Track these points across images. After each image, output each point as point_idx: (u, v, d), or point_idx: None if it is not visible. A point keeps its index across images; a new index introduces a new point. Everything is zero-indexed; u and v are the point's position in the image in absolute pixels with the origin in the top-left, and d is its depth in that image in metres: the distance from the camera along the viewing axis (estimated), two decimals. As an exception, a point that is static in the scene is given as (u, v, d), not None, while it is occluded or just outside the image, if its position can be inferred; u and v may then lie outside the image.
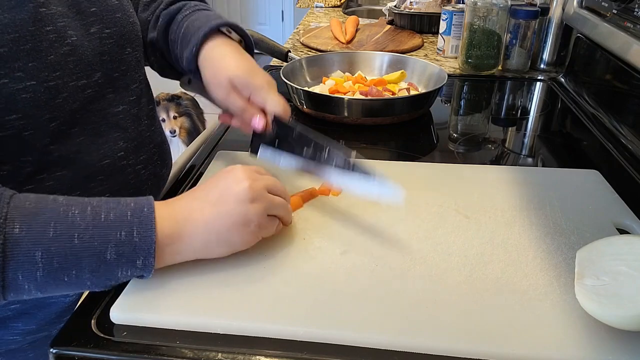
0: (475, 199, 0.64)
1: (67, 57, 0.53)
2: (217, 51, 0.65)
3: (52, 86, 0.51)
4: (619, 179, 0.73)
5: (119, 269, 0.45)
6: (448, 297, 0.48)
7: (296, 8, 2.88)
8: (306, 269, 0.52)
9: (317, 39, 1.42)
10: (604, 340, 0.43)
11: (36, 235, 0.42)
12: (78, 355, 0.44)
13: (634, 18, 0.81)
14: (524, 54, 1.18)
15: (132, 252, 0.45)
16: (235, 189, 0.49)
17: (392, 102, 0.89)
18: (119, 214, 0.45)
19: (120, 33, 0.60)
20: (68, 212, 0.44)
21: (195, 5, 0.71)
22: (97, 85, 0.57)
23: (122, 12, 0.61)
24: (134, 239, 0.45)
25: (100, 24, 0.58)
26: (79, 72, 0.54)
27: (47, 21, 0.51)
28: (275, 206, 0.52)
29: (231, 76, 0.62)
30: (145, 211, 0.46)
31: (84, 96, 0.55)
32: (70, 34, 0.54)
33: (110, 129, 0.59)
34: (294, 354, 0.43)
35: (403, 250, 0.54)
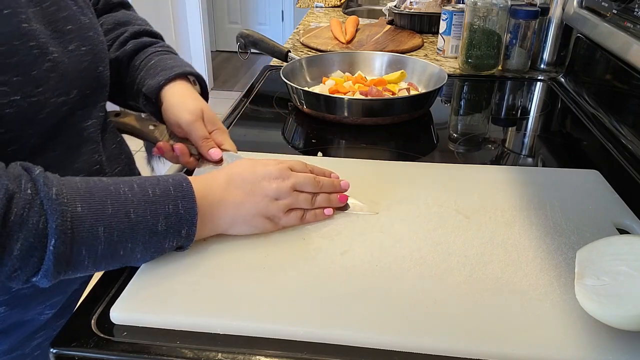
0: (475, 199, 0.64)
1: (49, 72, 0.53)
2: (188, 88, 0.71)
3: (35, 102, 0.52)
4: (619, 179, 0.73)
5: (166, 239, 0.49)
6: (448, 297, 0.48)
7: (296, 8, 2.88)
8: (306, 269, 0.52)
9: (317, 39, 1.43)
10: (604, 340, 0.43)
11: (97, 212, 0.45)
12: (78, 355, 0.44)
13: (634, 18, 0.81)
14: (524, 54, 1.18)
15: (178, 223, 0.49)
16: (265, 187, 0.56)
17: (392, 102, 0.89)
18: (163, 189, 0.50)
19: (94, 51, 0.61)
20: (119, 190, 0.48)
21: (169, 47, 0.77)
22: (72, 102, 0.57)
23: (94, 31, 0.62)
24: (180, 210, 0.49)
25: (77, 41, 0.58)
26: (60, 89, 0.55)
27: (31, 37, 0.51)
28: (298, 203, 0.58)
29: (203, 108, 0.69)
30: (185, 186, 0.51)
31: (62, 112, 0.56)
32: (52, 50, 0.54)
33: (84, 143, 0.61)
34: (294, 354, 0.43)
35: (403, 250, 0.54)
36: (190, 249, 0.53)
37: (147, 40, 0.75)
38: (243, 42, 1.17)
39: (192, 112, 0.67)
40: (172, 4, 3.51)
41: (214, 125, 0.69)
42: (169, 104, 0.68)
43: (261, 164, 0.58)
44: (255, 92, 1.06)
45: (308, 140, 0.87)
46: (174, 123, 0.68)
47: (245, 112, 0.97)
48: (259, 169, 0.57)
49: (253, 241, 0.55)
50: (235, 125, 0.91)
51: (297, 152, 0.83)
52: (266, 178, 0.57)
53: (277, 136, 0.89)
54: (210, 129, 0.68)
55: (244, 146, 0.70)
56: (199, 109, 0.68)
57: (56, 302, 0.65)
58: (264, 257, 0.53)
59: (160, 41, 0.78)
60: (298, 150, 0.85)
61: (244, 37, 1.17)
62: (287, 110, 0.98)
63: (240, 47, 1.18)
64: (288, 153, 0.81)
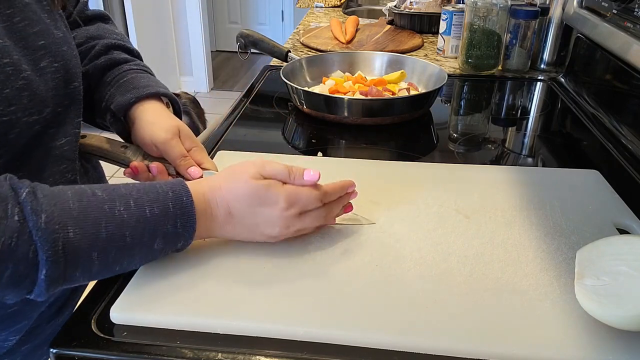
0: (475, 199, 0.64)
1: (22, 91, 0.51)
2: (161, 107, 0.68)
3: (6, 121, 0.49)
4: (619, 179, 0.73)
5: (162, 252, 0.50)
6: (448, 297, 0.48)
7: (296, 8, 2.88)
8: (306, 269, 0.52)
9: (317, 39, 1.43)
10: (604, 340, 0.43)
11: (90, 237, 0.44)
12: (78, 355, 0.44)
13: (634, 18, 0.81)
14: (524, 54, 1.18)
15: (175, 239, 0.49)
16: (268, 231, 0.53)
17: (392, 102, 0.89)
18: (161, 207, 0.48)
19: (67, 67, 0.58)
20: (114, 210, 0.46)
21: (145, 67, 0.73)
22: (45, 121, 0.55)
23: (67, 45, 0.59)
24: (178, 229, 0.48)
25: (49, 57, 0.56)
26: (32, 108, 0.52)
27: (4, 54, 0.49)
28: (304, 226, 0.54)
29: (180, 125, 0.65)
30: (185, 201, 0.49)
31: (32, 132, 0.54)
32: (25, 68, 0.52)
33: (55, 163, 0.58)
34: (294, 354, 0.43)
35: (403, 250, 0.54)
36: (191, 249, 0.53)
37: (122, 57, 0.71)
38: (243, 42, 1.17)
39: (167, 130, 0.64)
40: (172, 4, 3.52)
41: (192, 143, 0.65)
42: (141, 123, 0.65)
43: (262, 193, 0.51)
44: (255, 92, 1.06)
45: (308, 140, 0.87)
46: (148, 142, 0.64)
47: (245, 112, 0.97)
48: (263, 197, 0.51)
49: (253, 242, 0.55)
50: (235, 125, 0.91)
51: (297, 152, 0.83)
52: (268, 223, 0.52)
53: (277, 136, 0.89)
54: (188, 147, 0.65)
55: (244, 146, 0.70)
56: (174, 126, 0.64)
57: (21, 327, 0.63)
58: (264, 257, 0.53)
59: (135, 59, 0.74)
60: (298, 150, 0.85)
61: (244, 37, 1.17)
62: (287, 110, 0.98)
63: (240, 47, 1.18)
64: (288, 153, 0.81)
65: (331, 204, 0.55)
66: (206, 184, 0.52)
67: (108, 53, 0.71)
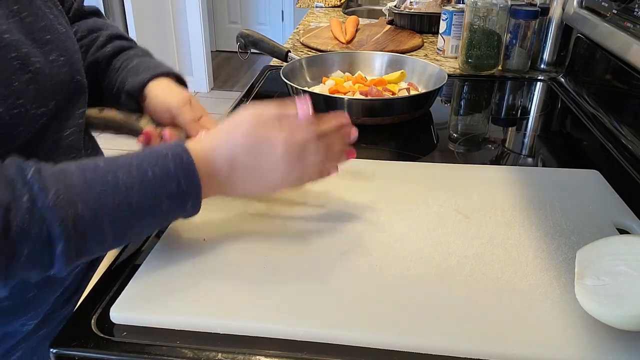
0: (475, 199, 0.64)
1: (29, 84, 0.52)
2: (173, 83, 0.72)
3: (15, 114, 0.51)
4: (619, 179, 0.73)
5: (172, 214, 0.50)
6: (448, 297, 0.48)
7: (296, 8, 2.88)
8: (306, 269, 0.52)
9: (317, 39, 1.42)
10: (604, 340, 0.43)
11: (98, 209, 0.45)
12: (78, 355, 0.44)
13: (634, 18, 0.81)
14: (524, 54, 1.18)
15: (182, 199, 0.49)
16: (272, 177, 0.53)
17: (392, 102, 0.88)
18: (162, 167, 0.48)
19: (70, 61, 0.60)
20: (117, 180, 0.46)
21: (147, 51, 0.78)
22: (50, 113, 0.56)
23: (69, 40, 0.61)
24: (182, 187, 0.48)
25: (56, 51, 0.57)
26: (39, 100, 0.54)
27: (12, 48, 0.51)
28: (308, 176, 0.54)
29: (190, 96, 0.70)
30: (185, 159, 0.49)
31: (39, 125, 0.55)
32: (34, 60, 0.53)
33: (64, 153, 0.60)
34: (294, 354, 0.43)
35: (403, 250, 0.54)
36: (191, 249, 0.53)
37: (125, 44, 0.75)
38: (243, 42, 1.17)
39: (180, 97, 0.68)
40: (172, 4, 3.51)
41: (201, 112, 0.69)
42: (154, 95, 0.69)
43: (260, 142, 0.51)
44: (255, 92, 1.06)
45: (308, 140, 0.87)
46: (162, 109, 0.68)
47: (245, 112, 0.97)
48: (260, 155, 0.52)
49: (254, 241, 0.55)
50: (235, 125, 0.91)
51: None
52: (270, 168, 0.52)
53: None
54: (198, 116, 0.69)
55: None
56: (186, 96, 0.69)
57: (38, 313, 0.64)
58: (264, 257, 0.53)
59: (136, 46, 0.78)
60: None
61: (244, 37, 1.17)
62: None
63: (240, 47, 1.18)
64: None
65: (330, 139, 0.55)
66: (205, 141, 0.52)
67: (112, 42, 0.75)
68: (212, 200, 0.52)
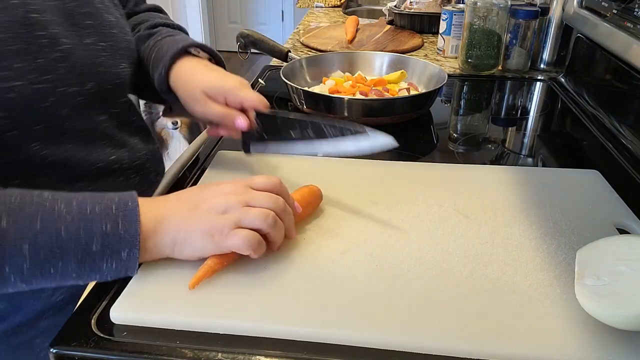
0: (475, 199, 0.64)
1: (57, 62, 0.54)
2: (185, 68, 0.67)
3: (39, 89, 0.52)
4: (619, 179, 0.73)
5: (104, 261, 0.46)
6: (448, 297, 0.48)
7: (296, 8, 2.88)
8: (306, 269, 0.52)
9: (317, 39, 1.43)
10: (604, 340, 0.43)
11: (22, 228, 0.43)
12: (78, 355, 0.44)
13: (634, 18, 0.81)
14: (524, 54, 1.18)
15: (117, 244, 0.46)
16: (212, 200, 0.50)
17: (392, 102, 0.88)
18: (104, 207, 0.46)
19: (115, 48, 0.61)
20: (54, 206, 0.45)
21: (168, 31, 0.74)
22: (88, 94, 0.58)
23: (118, 29, 0.63)
24: (119, 231, 0.46)
25: (95, 36, 0.59)
26: (71, 79, 0.55)
27: (39, 26, 0.52)
28: (248, 219, 0.49)
29: (203, 87, 0.64)
30: (130, 205, 0.47)
31: (75, 103, 0.56)
32: (64, 41, 0.55)
33: (98, 137, 0.61)
34: (294, 354, 0.43)
35: (403, 250, 0.54)
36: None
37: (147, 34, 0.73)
38: (243, 42, 1.17)
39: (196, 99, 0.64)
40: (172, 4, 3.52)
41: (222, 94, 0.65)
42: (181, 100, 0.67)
43: (218, 182, 0.54)
44: (255, 92, 1.06)
45: (308, 140, 0.87)
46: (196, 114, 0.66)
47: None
48: (213, 185, 0.53)
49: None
50: (235, 125, 0.91)
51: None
52: (217, 193, 0.51)
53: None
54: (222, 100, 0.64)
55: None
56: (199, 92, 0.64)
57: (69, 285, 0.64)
58: (264, 257, 0.53)
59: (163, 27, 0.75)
60: (298, 150, 0.84)
61: (244, 37, 1.17)
62: (287, 111, 0.98)
63: (240, 47, 1.18)
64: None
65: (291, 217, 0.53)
66: (163, 207, 0.50)
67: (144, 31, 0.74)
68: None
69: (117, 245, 0.46)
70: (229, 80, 0.65)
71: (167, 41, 0.70)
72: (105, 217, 0.46)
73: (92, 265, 0.46)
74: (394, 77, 0.98)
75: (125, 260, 0.47)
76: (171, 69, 0.67)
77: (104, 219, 0.46)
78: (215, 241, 0.48)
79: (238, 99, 0.63)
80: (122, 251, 0.46)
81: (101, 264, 0.46)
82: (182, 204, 0.51)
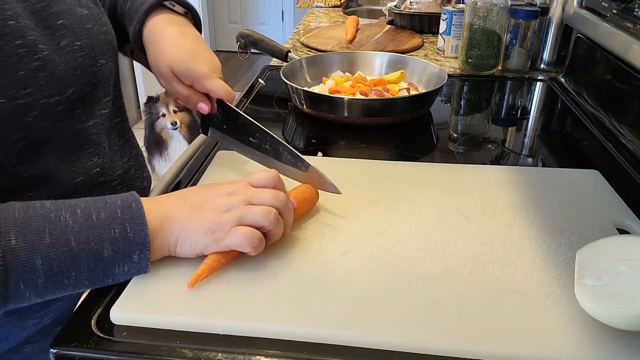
0: (475, 199, 0.64)
1: (37, 72, 0.50)
2: (158, 32, 0.63)
3: (21, 104, 0.49)
4: (619, 179, 0.73)
5: (116, 265, 0.46)
6: (448, 297, 0.48)
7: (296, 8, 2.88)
8: (306, 269, 0.52)
9: (317, 39, 1.43)
10: (604, 340, 0.43)
11: (32, 243, 0.42)
12: (78, 355, 0.44)
13: (634, 18, 0.81)
14: (524, 54, 1.18)
15: (127, 247, 0.46)
16: (215, 200, 0.50)
17: (392, 102, 0.88)
18: (109, 212, 0.46)
19: (91, 45, 0.57)
20: (59, 217, 0.44)
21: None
22: (68, 102, 0.54)
23: (93, 22, 0.58)
24: (128, 234, 0.46)
25: (70, 36, 0.55)
26: (51, 89, 0.52)
27: (16, 34, 0.48)
28: (251, 216, 0.50)
29: (171, 64, 0.62)
30: (134, 207, 0.47)
31: (55, 113, 0.53)
32: (41, 48, 0.51)
33: (81, 146, 0.58)
34: (294, 354, 0.43)
35: (403, 250, 0.54)
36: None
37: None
38: (243, 42, 1.17)
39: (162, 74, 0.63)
40: (172, 4, 3.51)
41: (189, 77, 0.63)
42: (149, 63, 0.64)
43: (220, 183, 0.54)
44: (255, 92, 1.06)
45: (308, 140, 0.87)
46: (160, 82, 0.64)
47: (245, 112, 0.97)
48: (215, 186, 0.53)
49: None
50: (235, 125, 0.91)
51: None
52: (219, 193, 0.51)
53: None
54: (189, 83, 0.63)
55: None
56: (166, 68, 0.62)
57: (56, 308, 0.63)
58: (264, 257, 0.53)
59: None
60: (298, 150, 0.84)
61: (244, 37, 1.17)
62: (287, 110, 0.98)
63: (240, 47, 1.18)
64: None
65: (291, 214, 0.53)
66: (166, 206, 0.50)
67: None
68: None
69: (128, 249, 0.46)
70: (199, 63, 0.62)
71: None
72: (112, 222, 0.45)
73: (104, 270, 0.46)
74: (394, 77, 0.98)
75: (137, 262, 0.47)
76: (145, 26, 0.64)
77: (112, 224, 0.45)
78: (216, 237, 0.49)
79: (205, 89, 0.63)
80: (133, 254, 0.46)
81: (113, 268, 0.46)
82: (184, 203, 0.51)
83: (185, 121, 2.40)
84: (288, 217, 0.53)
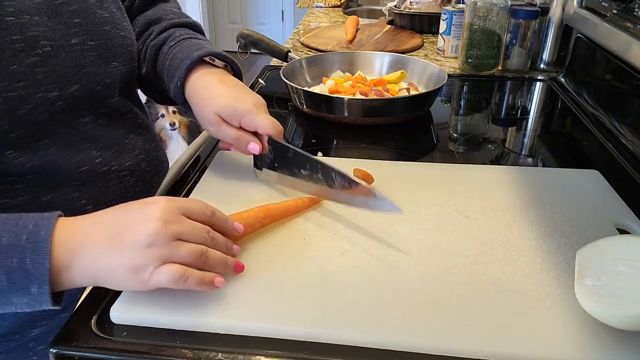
0: (475, 199, 0.64)
1: (34, 67, 0.51)
2: (200, 84, 0.64)
3: (13, 97, 0.49)
4: (619, 179, 0.73)
5: (12, 295, 0.43)
6: (448, 297, 0.48)
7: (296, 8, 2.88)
8: (306, 269, 0.52)
9: (317, 39, 1.43)
10: (604, 340, 0.43)
11: None
12: (78, 355, 0.44)
13: (634, 18, 0.81)
14: (524, 54, 1.18)
15: (24, 279, 0.42)
16: (137, 230, 0.44)
17: (392, 102, 0.88)
18: (13, 237, 0.42)
19: (106, 46, 0.58)
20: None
21: (181, 35, 0.70)
22: (72, 98, 0.55)
23: (111, 25, 0.59)
24: (27, 265, 0.42)
25: (83, 35, 0.56)
26: (50, 84, 0.52)
27: (14, 30, 0.49)
28: (179, 254, 0.45)
29: (216, 109, 0.62)
30: (42, 235, 0.43)
31: (54, 108, 0.53)
32: (43, 44, 0.52)
33: (81, 139, 0.58)
34: (294, 354, 0.43)
35: (403, 250, 0.54)
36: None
37: (162, 39, 0.71)
38: (243, 42, 1.17)
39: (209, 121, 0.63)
40: (172, 4, 3.52)
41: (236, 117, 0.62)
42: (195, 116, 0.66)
43: (146, 201, 0.47)
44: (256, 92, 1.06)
45: (308, 140, 0.87)
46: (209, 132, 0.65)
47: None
48: (139, 208, 0.46)
49: (253, 241, 0.55)
50: (235, 125, 0.91)
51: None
52: (142, 219, 0.45)
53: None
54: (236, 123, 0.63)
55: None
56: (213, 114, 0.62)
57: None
58: (264, 257, 0.53)
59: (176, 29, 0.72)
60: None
61: (244, 37, 1.17)
62: (287, 110, 0.98)
63: (240, 47, 1.18)
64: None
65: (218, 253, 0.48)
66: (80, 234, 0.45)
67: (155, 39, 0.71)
68: (212, 199, 0.52)
69: (24, 280, 0.42)
70: (243, 101, 0.62)
71: (182, 47, 0.68)
72: (12, 250, 0.42)
73: (1, 299, 0.43)
74: (394, 77, 0.98)
75: (37, 295, 0.43)
76: (186, 82, 0.66)
77: (12, 252, 0.42)
78: (141, 279, 0.44)
79: (252, 124, 0.62)
80: (31, 287, 0.42)
81: (11, 297, 0.43)
82: (103, 229, 0.45)
83: (184, 122, 2.40)
84: (224, 251, 0.49)
